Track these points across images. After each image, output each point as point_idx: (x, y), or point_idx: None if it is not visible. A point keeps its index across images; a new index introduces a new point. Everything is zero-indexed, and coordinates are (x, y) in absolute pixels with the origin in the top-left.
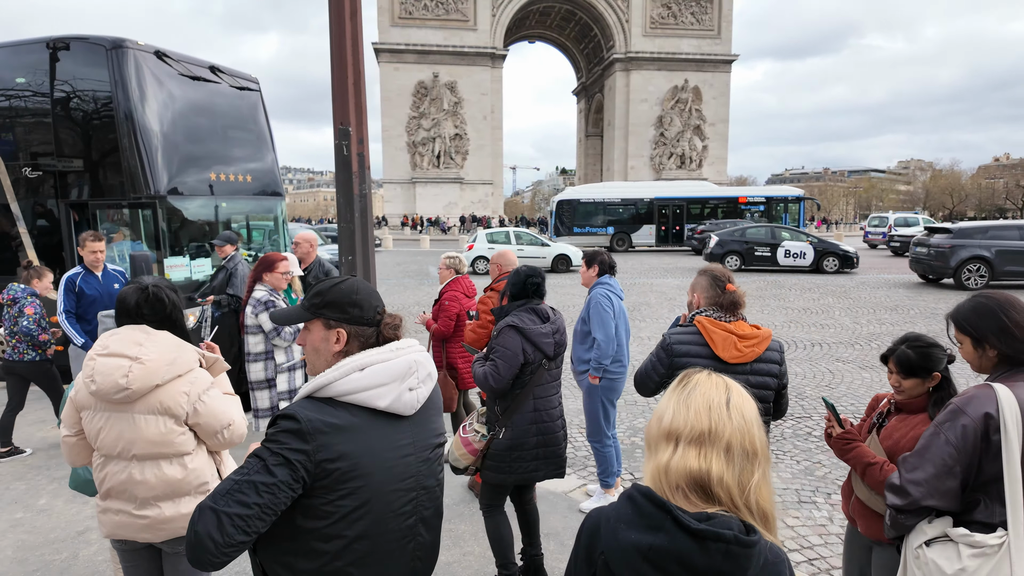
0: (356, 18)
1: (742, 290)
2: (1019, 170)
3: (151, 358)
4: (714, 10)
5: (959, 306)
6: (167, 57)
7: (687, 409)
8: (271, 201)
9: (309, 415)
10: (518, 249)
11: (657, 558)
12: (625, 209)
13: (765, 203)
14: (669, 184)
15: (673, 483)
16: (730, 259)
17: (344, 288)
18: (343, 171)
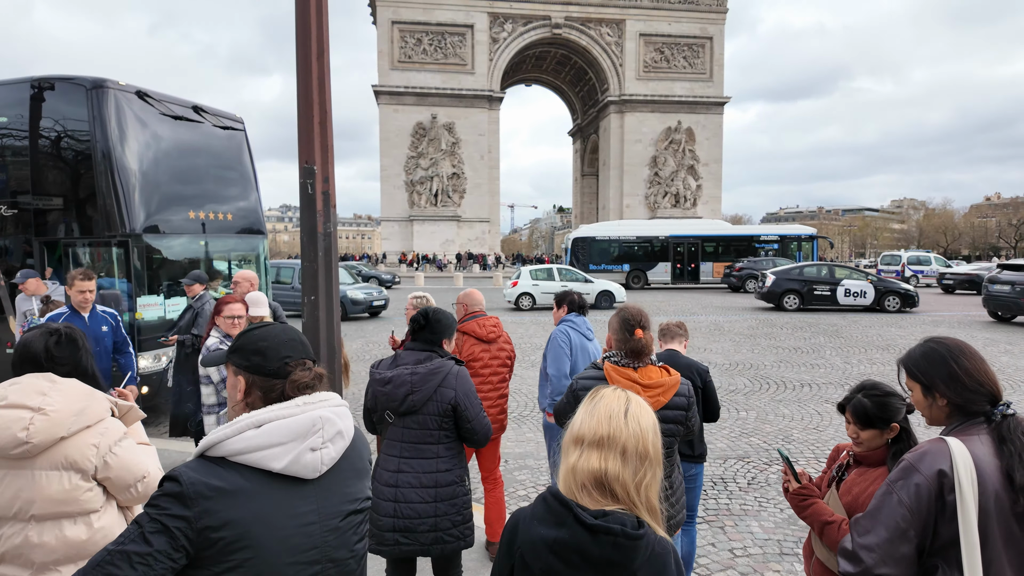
0: (323, 59)
1: (650, 336)
2: (1010, 209)
3: (56, 408)
4: (706, 55)
5: (910, 351)
6: (149, 97)
7: (591, 418)
8: (253, 239)
9: (193, 477)
10: (561, 285)
11: (560, 550)
12: (640, 247)
13: (779, 241)
14: (683, 222)
15: (579, 482)
16: (788, 298)
17: (255, 334)
18: (307, 209)
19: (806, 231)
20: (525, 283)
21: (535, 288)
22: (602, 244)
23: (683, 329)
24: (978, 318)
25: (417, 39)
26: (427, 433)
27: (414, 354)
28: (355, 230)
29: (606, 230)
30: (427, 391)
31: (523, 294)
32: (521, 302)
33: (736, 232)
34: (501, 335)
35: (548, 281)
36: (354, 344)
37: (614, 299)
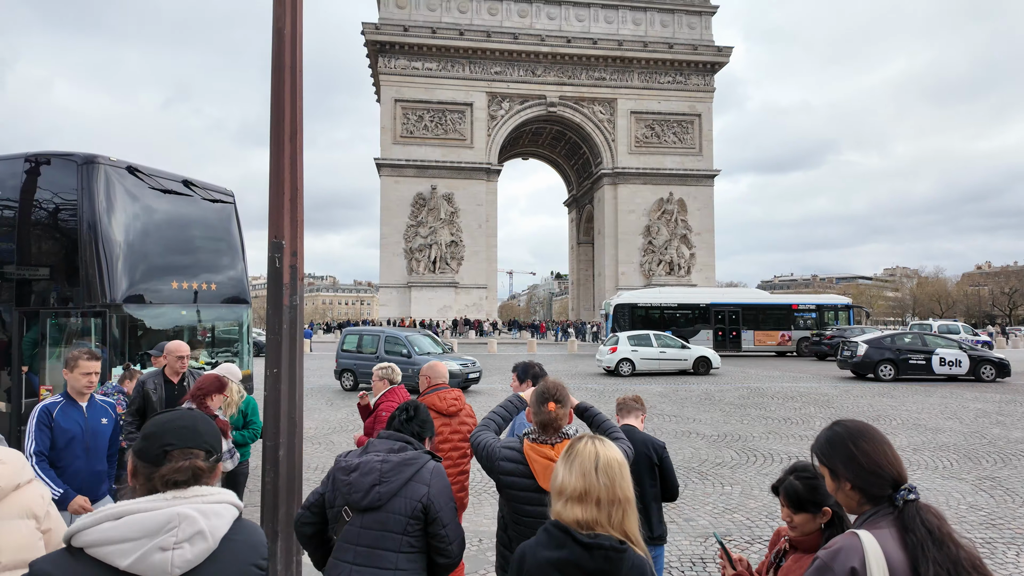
0: (296, 140)
1: (564, 411)
2: (1002, 278)
3: (11, 458)
4: (695, 130)
5: (818, 435)
6: (140, 172)
7: (570, 475)
8: (237, 308)
9: (45, 569)
10: (660, 352)
11: (563, 566)
12: (682, 314)
13: (816, 310)
14: (724, 291)
15: (567, 524)
16: (883, 368)
17: (156, 417)
18: (274, 283)
19: (842, 300)
20: (624, 349)
21: (634, 354)
22: (644, 311)
23: (640, 403)
24: None
25: (419, 116)
26: (388, 536)
27: (388, 442)
28: (354, 296)
29: (647, 297)
30: (397, 483)
31: (623, 360)
32: (621, 368)
33: (775, 300)
34: (463, 408)
35: (646, 347)
36: None
37: (711, 365)
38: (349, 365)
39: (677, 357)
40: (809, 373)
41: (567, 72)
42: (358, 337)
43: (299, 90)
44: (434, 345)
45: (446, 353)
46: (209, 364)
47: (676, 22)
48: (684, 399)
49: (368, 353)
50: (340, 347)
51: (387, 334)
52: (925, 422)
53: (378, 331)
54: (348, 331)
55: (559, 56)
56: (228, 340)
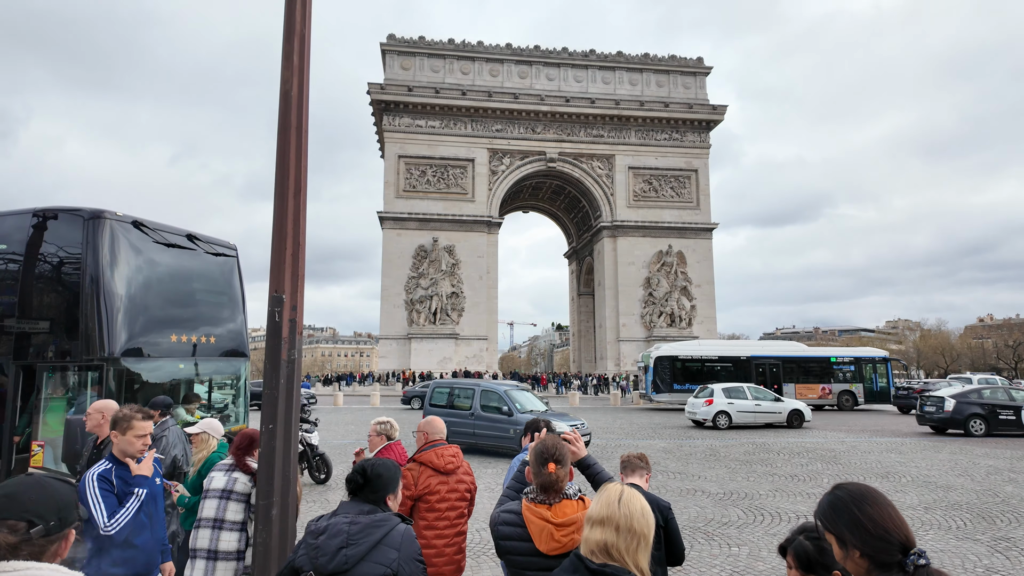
0: (299, 196)
1: (564, 471)
2: (1005, 330)
3: None
4: (692, 185)
5: (820, 500)
6: (144, 226)
7: (597, 505)
8: (236, 362)
9: None
10: (755, 404)
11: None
12: (723, 367)
13: (854, 363)
14: (764, 343)
15: (590, 548)
16: (974, 423)
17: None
18: (273, 337)
19: (879, 353)
20: (720, 402)
21: (730, 406)
22: (684, 363)
23: (644, 461)
24: None
25: (421, 171)
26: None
27: (357, 505)
28: (354, 348)
29: (688, 350)
30: (364, 546)
31: (720, 412)
32: (718, 421)
33: (815, 353)
34: (460, 466)
35: (742, 400)
36: None
37: (803, 418)
38: None
39: (771, 410)
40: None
41: (566, 129)
42: (448, 391)
43: (304, 149)
44: (536, 401)
45: (549, 411)
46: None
47: (671, 82)
48: (689, 455)
49: (462, 410)
50: (428, 402)
51: (483, 388)
52: (935, 479)
53: (472, 384)
54: (437, 384)
55: (558, 115)
56: (225, 394)
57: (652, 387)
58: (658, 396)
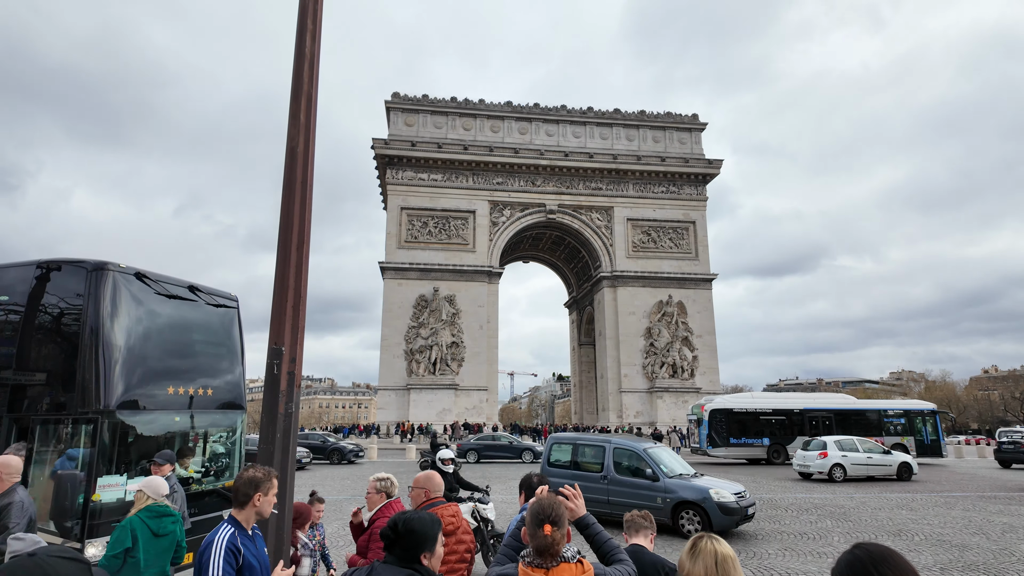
0: (302, 249)
1: (561, 533)
2: (1011, 382)
3: None
4: (690, 236)
5: (839, 559)
6: (147, 278)
7: (694, 565)
8: (232, 415)
9: None
10: (867, 456)
11: None
12: (777, 420)
13: (904, 415)
14: (815, 396)
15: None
16: None
17: None
18: (271, 390)
19: (928, 406)
20: (834, 454)
21: (844, 459)
22: (739, 417)
23: (649, 521)
24: None
25: (423, 222)
26: None
27: (391, 568)
28: (352, 399)
29: (742, 402)
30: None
31: (836, 465)
32: (834, 473)
33: (865, 406)
34: (460, 526)
35: (854, 452)
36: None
37: (912, 471)
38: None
39: (882, 463)
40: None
41: (565, 182)
42: (572, 447)
43: (308, 204)
44: (681, 462)
45: (699, 474)
46: (199, 472)
47: (667, 138)
48: None
49: (590, 472)
50: (545, 460)
51: (617, 445)
52: (949, 538)
53: (601, 441)
54: (557, 439)
55: (557, 168)
56: (219, 447)
57: (708, 441)
58: (715, 451)
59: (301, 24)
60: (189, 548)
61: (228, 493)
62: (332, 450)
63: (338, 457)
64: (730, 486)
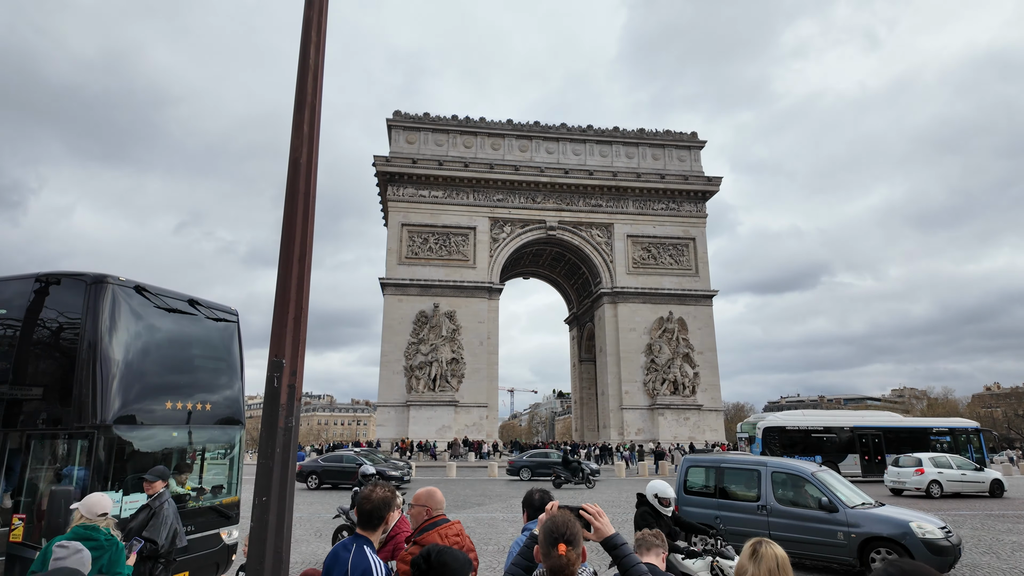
0: (304, 261)
1: (576, 553)
2: (1013, 399)
3: None
4: (690, 253)
5: (874, 572)
6: (146, 291)
7: (759, 570)
8: (231, 430)
9: None
10: (961, 473)
11: None
12: (828, 437)
13: (950, 434)
14: (862, 413)
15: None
16: None
17: None
18: (271, 404)
19: (972, 424)
20: (930, 471)
21: (940, 476)
22: (792, 434)
23: (660, 539)
24: None
25: (424, 238)
26: None
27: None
28: (351, 415)
29: (794, 420)
30: None
31: (933, 482)
32: (931, 490)
33: (913, 424)
34: (464, 544)
35: (948, 469)
36: None
37: (1004, 488)
38: (702, 516)
39: (976, 479)
40: None
41: (565, 199)
42: (714, 471)
43: (311, 216)
44: (854, 489)
45: (883, 506)
46: (196, 489)
47: (667, 155)
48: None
49: (742, 500)
50: (680, 486)
51: (775, 467)
52: (961, 558)
53: (755, 462)
54: (693, 460)
55: (557, 185)
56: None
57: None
58: None
59: (305, 36)
60: (181, 568)
61: (225, 510)
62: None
63: None
64: (930, 517)
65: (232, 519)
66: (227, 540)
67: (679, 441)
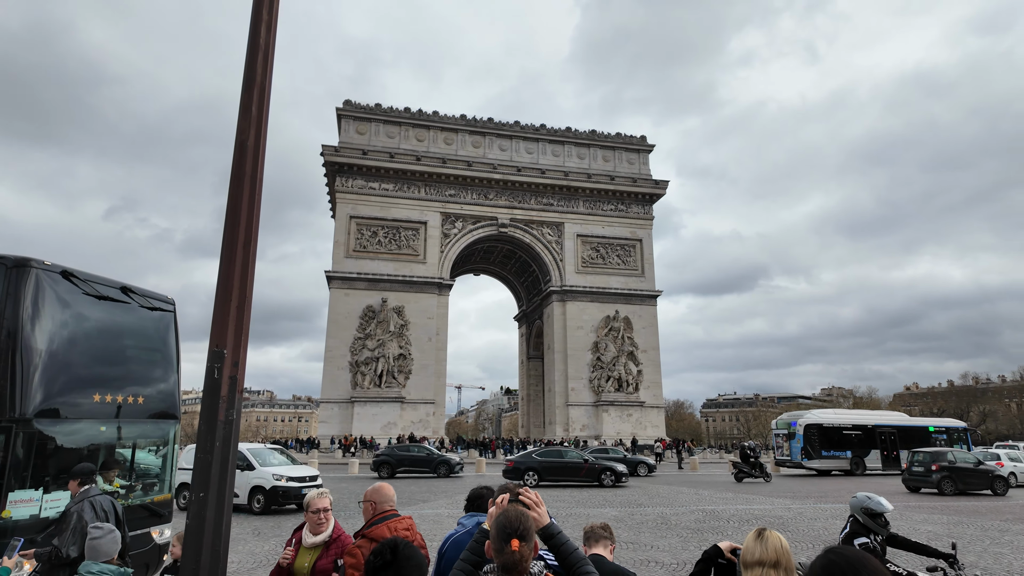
0: (249, 247)
1: (529, 548)
2: (929, 398)
3: None
4: (637, 254)
5: (812, 563)
6: (74, 277)
7: (766, 550)
8: (165, 424)
9: None
10: (1014, 464)
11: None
12: (855, 434)
13: (945, 432)
14: (879, 413)
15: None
16: None
17: None
18: (210, 396)
19: (961, 424)
20: (1008, 464)
21: (1016, 467)
22: (828, 432)
23: (608, 532)
24: None
25: (373, 232)
26: None
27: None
28: (292, 412)
29: (829, 418)
30: None
31: (1011, 474)
32: (1010, 481)
33: (918, 423)
34: (413, 539)
35: (1018, 463)
36: None
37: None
38: None
39: None
40: None
41: (517, 197)
42: None
43: (257, 201)
44: None
45: None
46: (125, 487)
47: (616, 158)
48: (640, 524)
49: None
50: None
51: None
52: None
53: None
54: None
55: (510, 183)
56: (149, 460)
57: (803, 454)
58: (809, 462)
59: (256, 14)
60: None
61: (157, 508)
62: (439, 462)
63: (445, 469)
64: None
65: (164, 517)
66: (158, 539)
67: (622, 437)
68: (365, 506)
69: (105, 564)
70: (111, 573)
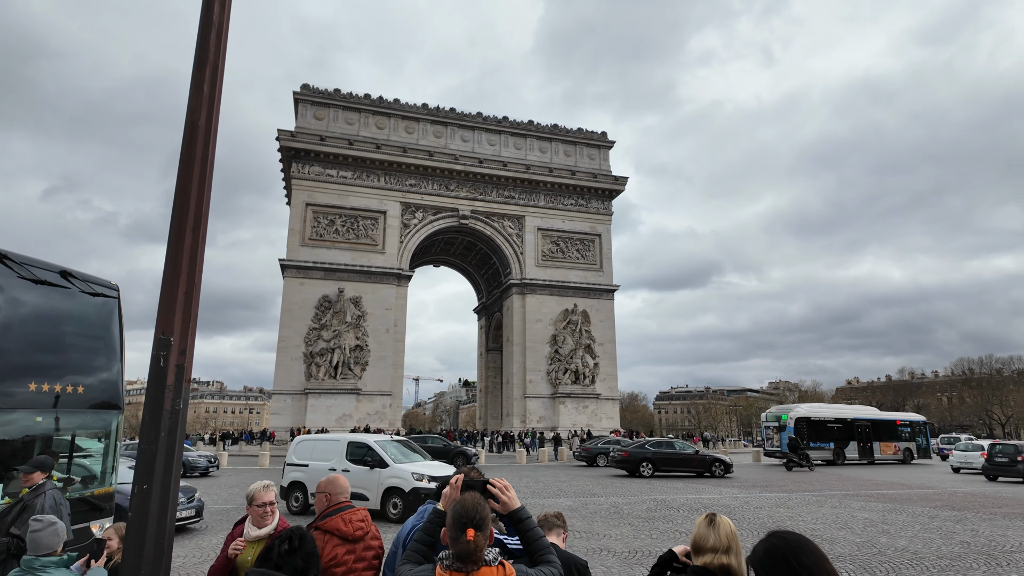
0: (199, 231)
1: (484, 537)
2: (868, 392)
3: None
4: (596, 248)
5: (755, 546)
6: (8, 259)
7: (719, 537)
8: (106, 415)
9: None
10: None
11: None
12: (836, 427)
13: (910, 425)
14: (855, 408)
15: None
16: None
17: None
18: (155, 384)
19: (921, 418)
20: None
21: None
22: (815, 425)
23: (561, 520)
24: None
25: (330, 220)
26: None
27: None
28: (243, 404)
29: (815, 412)
30: None
31: None
32: None
33: (888, 417)
34: (368, 531)
35: None
36: None
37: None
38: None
39: None
40: None
41: (479, 188)
42: None
43: (207, 184)
44: None
45: None
46: (63, 480)
47: (578, 152)
48: (594, 513)
49: None
50: None
51: None
52: (820, 532)
53: None
54: None
55: (471, 174)
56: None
57: (790, 445)
58: None
59: None
60: None
61: (97, 502)
62: (456, 453)
63: (463, 461)
64: None
65: (105, 511)
66: (98, 534)
67: (577, 428)
68: (319, 497)
69: (45, 557)
70: (54, 565)
